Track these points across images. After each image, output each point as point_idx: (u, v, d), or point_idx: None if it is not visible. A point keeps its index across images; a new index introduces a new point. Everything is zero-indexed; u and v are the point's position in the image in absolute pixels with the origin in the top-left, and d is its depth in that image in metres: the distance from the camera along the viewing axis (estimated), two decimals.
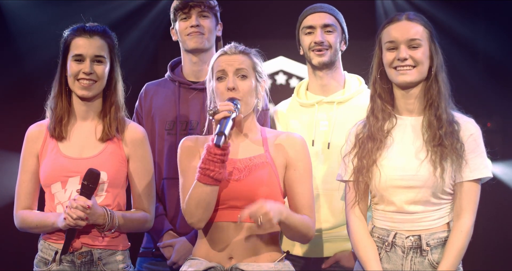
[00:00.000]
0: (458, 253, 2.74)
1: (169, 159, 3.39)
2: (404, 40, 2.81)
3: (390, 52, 2.83)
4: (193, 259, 2.84)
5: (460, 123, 2.81)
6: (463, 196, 2.78)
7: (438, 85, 2.81)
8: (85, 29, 3.01)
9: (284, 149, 2.86)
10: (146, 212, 3.08)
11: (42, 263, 2.98)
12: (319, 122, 3.36)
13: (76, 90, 3.00)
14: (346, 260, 3.30)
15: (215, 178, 2.67)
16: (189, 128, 3.41)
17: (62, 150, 3.00)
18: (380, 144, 2.84)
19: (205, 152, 2.67)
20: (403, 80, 2.81)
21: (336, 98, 3.38)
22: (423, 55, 2.81)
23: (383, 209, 2.85)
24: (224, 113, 2.67)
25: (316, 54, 3.35)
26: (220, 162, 2.66)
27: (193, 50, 3.44)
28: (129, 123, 3.10)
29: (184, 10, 3.42)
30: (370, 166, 2.83)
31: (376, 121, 2.87)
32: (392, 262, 2.82)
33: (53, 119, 3.02)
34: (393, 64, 2.82)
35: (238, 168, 2.79)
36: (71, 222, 2.83)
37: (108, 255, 2.99)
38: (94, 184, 2.86)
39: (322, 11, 3.38)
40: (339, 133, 3.30)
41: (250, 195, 2.75)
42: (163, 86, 3.52)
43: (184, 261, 3.24)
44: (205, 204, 2.71)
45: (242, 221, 2.74)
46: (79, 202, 2.83)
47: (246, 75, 2.83)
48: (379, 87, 2.89)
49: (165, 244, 3.35)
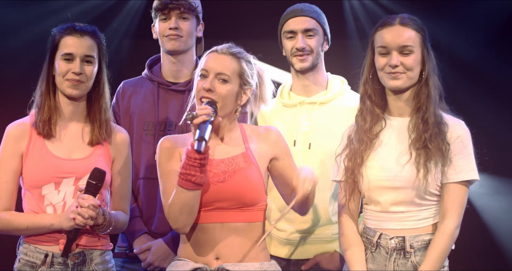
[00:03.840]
0: (439, 255, 2.76)
1: (146, 159, 3.39)
2: (396, 47, 2.82)
3: (382, 57, 2.85)
4: (179, 260, 2.84)
5: (449, 125, 2.83)
6: (448, 198, 2.80)
7: (428, 89, 2.83)
8: (76, 28, 2.97)
9: (266, 142, 2.88)
10: (125, 212, 3.08)
11: (27, 267, 2.92)
12: (301, 123, 3.38)
13: (64, 90, 2.96)
14: (326, 262, 3.32)
15: (197, 183, 2.66)
16: (167, 129, 3.40)
17: (51, 149, 2.96)
18: (367, 145, 2.87)
19: (185, 157, 2.65)
20: (394, 85, 2.84)
21: (318, 99, 3.40)
22: (414, 62, 2.83)
23: (372, 209, 2.89)
24: (203, 118, 2.65)
25: (298, 60, 3.36)
26: (200, 166, 2.64)
27: (170, 52, 3.43)
28: (114, 125, 3.10)
29: (164, 11, 3.40)
30: (357, 167, 2.86)
31: (364, 122, 2.90)
32: (376, 262, 2.86)
33: (40, 118, 2.96)
34: (385, 70, 2.84)
35: (222, 169, 2.79)
36: (81, 222, 2.80)
37: (98, 255, 2.99)
38: (101, 183, 2.84)
39: (303, 15, 3.36)
40: (320, 134, 3.33)
41: (236, 195, 2.76)
42: (141, 86, 3.50)
43: (161, 263, 3.27)
44: (188, 209, 2.70)
45: (227, 222, 2.76)
46: (90, 201, 2.80)
47: (226, 80, 2.79)
48: (369, 88, 2.91)
49: (141, 249, 3.33)
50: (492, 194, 4.55)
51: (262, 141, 2.89)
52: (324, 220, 3.33)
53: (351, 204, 2.91)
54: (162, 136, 3.22)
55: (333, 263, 3.32)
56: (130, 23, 4.82)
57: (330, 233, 3.33)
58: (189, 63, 3.50)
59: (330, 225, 3.33)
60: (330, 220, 3.32)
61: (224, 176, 2.78)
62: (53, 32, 3.01)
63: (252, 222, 2.80)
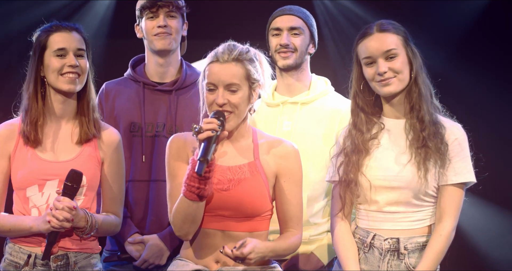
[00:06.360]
0: (435, 256, 2.77)
1: (134, 161, 3.34)
2: (380, 54, 2.82)
3: (369, 67, 2.85)
4: (180, 260, 2.82)
5: (446, 127, 2.84)
6: (445, 200, 2.80)
7: (418, 87, 2.84)
8: (62, 25, 2.95)
9: (276, 157, 2.80)
10: (117, 215, 3.03)
11: (11, 266, 2.89)
12: (283, 122, 3.38)
13: (61, 86, 2.90)
14: (303, 263, 3.32)
15: (200, 195, 2.62)
16: (155, 130, 3.36)
17: (38, 152, 2.91)
18: (366, 154, 2.86)
19: (190, 167, 2.61)
20: (388, 91, 2.84)
21: (300, 99, 3.40)
22: (402, 64, 2.83)
23: (365, 209, 2.88)
24: (208, 133, 2.60)
25: (281, 57, 3.37)
26: (204, 179, 2.60)
27: (160, 51, 3.38)
28: (104, 125, 3.05)
29: (152, 9, 3.36)
30: (353, 167, 2.85)
31: (360, 134, 2.89)
32: (369, 263, 2.85)
33: (27, 122, 2.91)
34: (375, 79, 2.84)
35: (227, 177, 2.74)
36: (56, 224, 2.75)
37: (83, 258, 2.93)
38: (77, 185, 2.79)
39: (291, 14, 3.38)
40: (301, 133, 3.33)
41: (238, 206, 2.72)
42: (124, 86, 3.44)
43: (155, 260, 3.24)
44: (191, 218, 2.68)
45: (229, 230, 2.73)
46: (64, 203, 2.75)
47: (237, 89, 2.72)
48: (361, 101, 2.91)
49: (136, 240, 3.29)
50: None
51: (272, 153, 2.81)
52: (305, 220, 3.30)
53: (345, 204, 2.90)
54: (150, 138, 3.21)
55: (309, 265, 3.31)
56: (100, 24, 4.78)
57: (307, 234, 3.31)
58: (175, 62, 3.46)
59: (308, 226, 3.31)
60: (308, 222, 3.30)
61: (228, 184, 2.73)
62: (37, 33, 2.97)
63: (254, 232, 2.76)
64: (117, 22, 4.76)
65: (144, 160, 3.34)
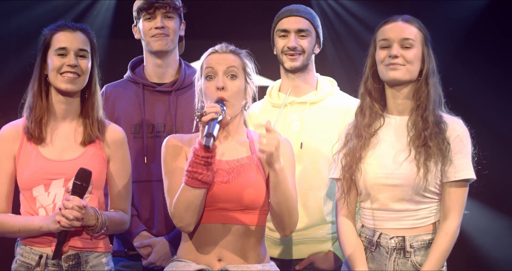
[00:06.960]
0: (441, 255, 2.78)
1: (137, 162, 3.35)
2: (397, 39, 2.85)
3: (383, 50, 2.88)
4: (180, 261, 2.81)
5: (448, 123, 2.86)
6: (449, 197, 2.81)
7: (427, 88, 2.85)
8: (67, 25, 2.96)
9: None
10: (125, 212, 3.04)
11: (23, 267, 2.89)
12: (292, 123, 3.37)
13: (59, 85, 2.91)
14: (320, 261, 3.32)
15: (203, 181, 2.65)
16: (156, 131, 3.37)
17: (42, 151, 2.92)
18: (365, 141, 2.89)
19: (192, 155, 2.64)
20: (393, 76, 2.85)
21: (308, 99, 3.40)
22: (414, 56, 2.85)
23: (369, 207, 2.90)
24: (212, 115, 2.64)
25: (289, 59, 3.36)
26: (207, 164, 2.64)
27: (157, 52, 3.39)
28: (109, 124, 3.05)
29: (149, 11, 3.37)
30: (354, 163, 2.87)
31: (363, 118, 2.92)
32: (376, 262, 2.87)
33: (32, 120, 2.92)
34: (385, 62, 2.86)
35: (226, 169, 2.78)
36: (66, 224, 2.75)
37: (94, 257, 2.94)
38: (87, 183, 2.80)
39: (298, 15, 3.36)
40: (311, 133, 3.33)
41: (239, 197, 2.75)
42: (124, 88, 3.46)
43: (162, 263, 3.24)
44: (194, 207, 2.69)
45: (229, 223, 2.74)
46: (74, 202, 2.75)
47: (235, 75, 2.81)
48: (370, 85, 2.93)
49: (143, 244, 3.30)
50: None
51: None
52: (318, 219, 3.32)
53: (350, 204, 2.92)
54: (151, 139, 3.20)
55: (327, 263, 3.32)
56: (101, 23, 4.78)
57: (324, 232, 3.33)
58: (173, 63, 3.47)
59: (324, 225, 3.33)
60: (324, 220, 3.32)
61: (228, 177, 2.77)
62: (44, 31, 2.99)
63: (254, 225, 2.79)
64: (117, 22, 4.76)
65: (146, 161, 3.35)
